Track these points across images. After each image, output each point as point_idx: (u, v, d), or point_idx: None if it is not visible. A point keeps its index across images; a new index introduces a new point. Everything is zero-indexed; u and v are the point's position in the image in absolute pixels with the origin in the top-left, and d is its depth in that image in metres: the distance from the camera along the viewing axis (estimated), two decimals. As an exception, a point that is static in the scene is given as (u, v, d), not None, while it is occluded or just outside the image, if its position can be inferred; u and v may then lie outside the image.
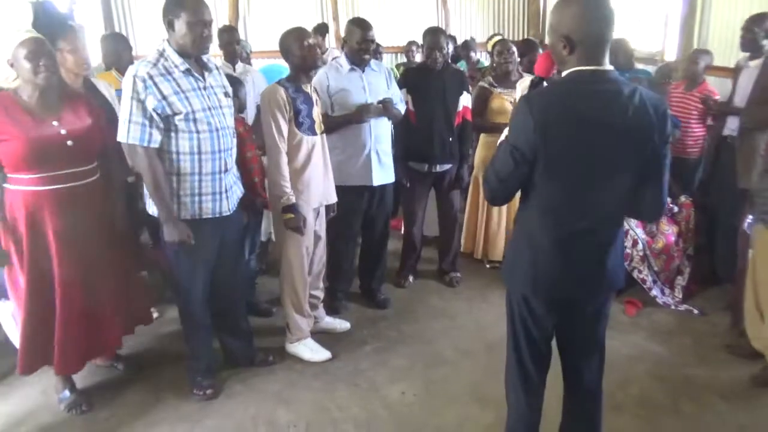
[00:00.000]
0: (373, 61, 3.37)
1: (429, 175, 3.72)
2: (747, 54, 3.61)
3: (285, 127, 2.80)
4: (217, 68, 2.56)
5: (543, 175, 1.69)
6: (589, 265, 1.81)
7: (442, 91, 3.57)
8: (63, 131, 2.39)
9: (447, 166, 3.72)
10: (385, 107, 3.23)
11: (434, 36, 3.54)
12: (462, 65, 5.90)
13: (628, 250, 3.57)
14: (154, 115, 2.27)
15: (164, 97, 2.27)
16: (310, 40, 2.83)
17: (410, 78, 3.69)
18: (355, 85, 3.26)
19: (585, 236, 1.77)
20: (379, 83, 3.34)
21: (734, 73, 3.76)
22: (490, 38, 5.82)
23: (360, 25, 3.25)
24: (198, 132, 2.36)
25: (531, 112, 1.63)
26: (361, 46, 3.22)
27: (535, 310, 1.87)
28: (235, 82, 3.08)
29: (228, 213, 2.54)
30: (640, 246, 3.59)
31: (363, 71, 3.29)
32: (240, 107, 3.15)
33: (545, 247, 1.78)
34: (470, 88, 3.83)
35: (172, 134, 2.35)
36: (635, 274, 3.59)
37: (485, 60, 6.41)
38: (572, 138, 1.64)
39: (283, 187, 2.81)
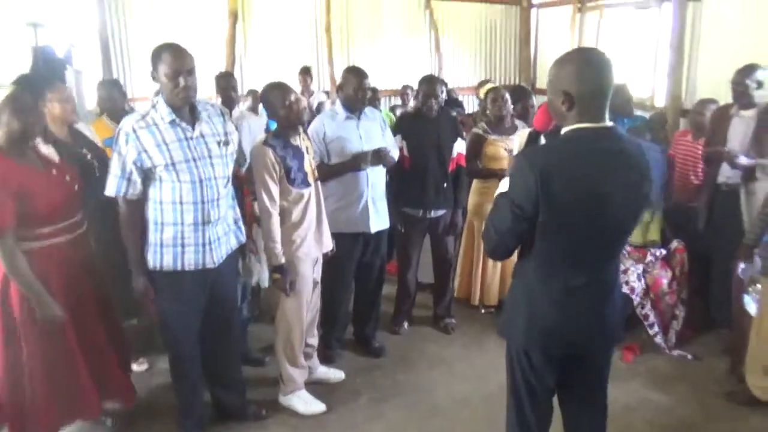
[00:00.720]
0: (367, 108, 3.41)
1: (423, 220, 3.72)
2: (731, 103, 3.67)
3: (275, 189, 2.78)
4: (222, 115, 2.57)
5: (543, 230, 1.69)
6: (590, 319, 1.80)
7: (436, 137, 3.61)
8: (68, 177, 2.41)
9: (441, 212, 3.73)
10: (380, 156, 3.25)
11: (430, 84, 3.60)
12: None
13: (633, 284, 3.55)
14: (134, 168, 2.31)
15: (145, 150, 2.31)
16: (292, 97, 2.80)
17: (405, 124, 3.74)
18: (351, 133, 3.29)
19: (584, 290, 1.76)
20: (374, 130, 3.37)
21: (715, 119, 3.80)
22: (480, 84, 5.95)
23: (356, 73, 3.30)
24: (180, 182, 2.36)
25: (533, 169, 1.63)
26: (357, 94, 3.26)
27: (536, 365, 1.85)
28: None
29: (213, 266, 2.50)
30: (642, 281, 3.57)
31: (359, 119, 3.33)
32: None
33: (544, 302, 1.77)
34: (464, 134, 3.88)
35: (156, 183, 2.37)
36: (639, 309, 3.56)
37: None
38: (574, 196, 1.65)
39: (273, 248, 2.80)
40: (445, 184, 3.67)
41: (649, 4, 6.13)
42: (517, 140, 1.97)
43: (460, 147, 3.74)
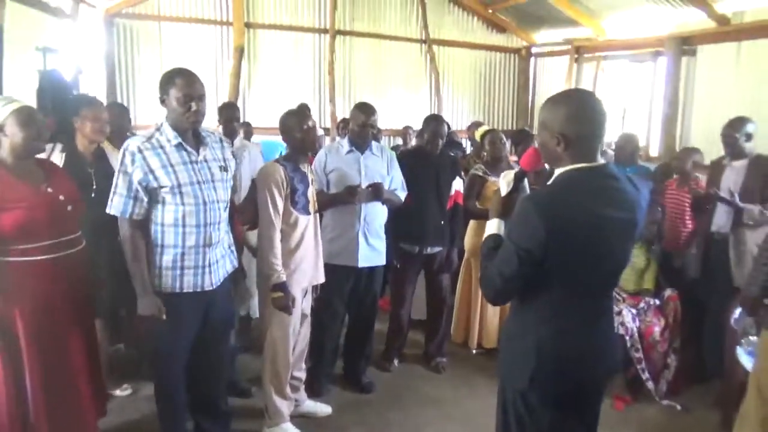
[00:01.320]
0: (375, 145, 3.45)
1: (419, 256, 3.72)
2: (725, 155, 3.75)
3: (281, 204, 2.82)
4: (221, 141, 2.60)
5: (547, 272, 1.68)
6: (593, 352, 1.80)
7: (435, 174, 3.65)
8: (61, 196, 2.40)
9: (438, 249, 3.74)
10: (375, 191, 3.27)
11: (437, 124, 3.65)
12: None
13: (628, 324, 3.54)
14: (140, 188, 2.32)
15: (151, 171, 2.32)
16: (310, 123, 2.91)
17: (405, 161, 3.77)
18: (351, 166, 3.33)
19: (584, 326, 1.77)
20: (378, 167, 3.41)
21: (711, 170, 3.88)
22: (472, 126, 6.03)
23: (364, 110, 3.37)
24: (184, 205, 2.37)
25: (540, 214, 1.62)
26: (363, 128, 3.31)
27: (531, 406, 1.82)
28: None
29: (211, 288, 2.49)
30: (637, 323, 3.56)
31: (362, 154, 3.37)
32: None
33: (544, 341, 1.76)
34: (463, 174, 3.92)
35: (159, 206, 2.37)
36: (632, 352, 3.54)
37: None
38: (581, 236, 1.66)
39: (274, 264, 2.79)
40: (442, 222, 3.69)
41: (645, 58, 6.30)
42: (503, 181, 1.97)
43: (458, 185, 3.78)
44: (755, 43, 4.80)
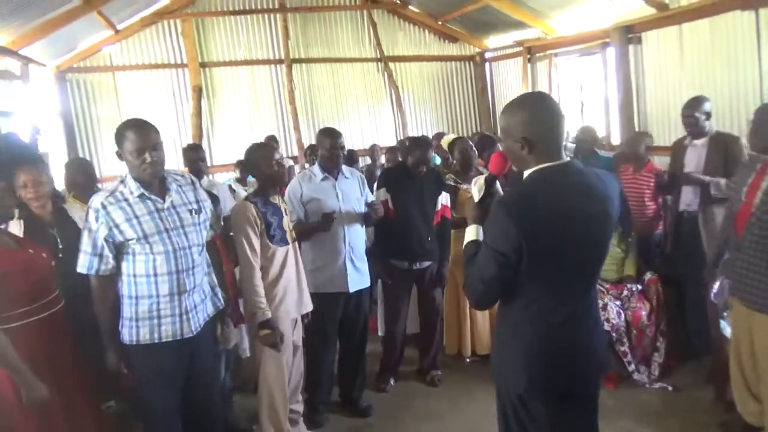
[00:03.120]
0: (345, 168, 3.47)
1: (410, 272, 3.73)
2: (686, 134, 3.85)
3: (257, 243, 2.82)
4: (193, 183, 2.58)
5: (527, 272, 1.71)
6: (583, 348, 1.83)
7: (420, 190, 3.67)
8: (44, 254, 2.38)
9: (427, 263, 3.75)
10: (373, 210, 3.34)
11: (423, 150, 3.62)
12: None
13: (613, 321, 3.59)
14: (105, 244, 2.31)
15: (116, 225, 2.31)
16: (277, 156, 2.92)
17: (390, 178, 3.79)
18: (328, 194, 3.33)
19: (573, 320, 1.80)
20: (353, 190, 3.43)
21: (673, 151, 3.98)
22: (436, 136, 6.08)
23: (329, 134, 3.38)
24: (153, 254, 2.35)
25: (511, 215, 1.67)
26: (331, 152, 3.32)
27: (531, 408, 1.84)
28: (213, 199, 3.12)
29: (191, 334, 2.46)
30: (622, 317, 3.61)
31: (336, 179, 3.38)
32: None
33: (534, 342, 1.78)
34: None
35: (129, 257, 2.36)
36: (617, 346, 3.59)
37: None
38: (554, 233, 1.70)
39: (258, 302, 2.78)
40: (429, 237, 3.70)
41: (594, 51, 6.47)
42: (475, 188, 2.01)
43: (444, 200, 3.80)
44: (695, 24, 4.97)
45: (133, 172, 2.35)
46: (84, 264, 2.33)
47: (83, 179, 3.61)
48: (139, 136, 2.30)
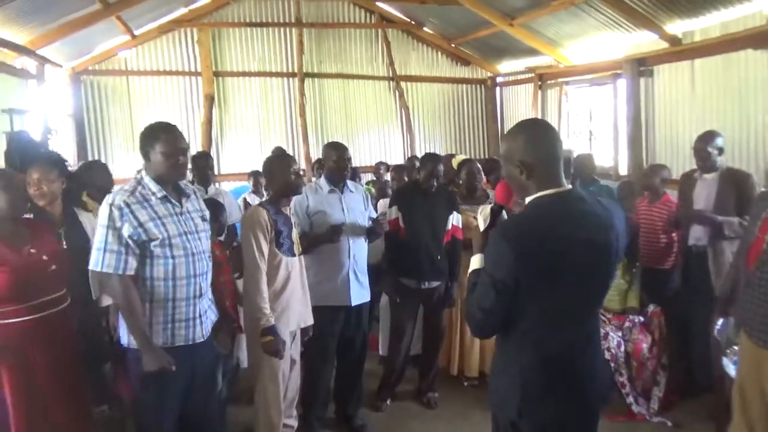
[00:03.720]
0: (350, 183, 3.49)
1: (418, 291, 3.71)
2: (695, 168, 3.84)
3: (266, 248, 2.82)
4: (195, 193, 2.60)
5: (525, 299, 1.70)
6: (580, 380, 1.80)
7: (431, 209, 3.67)
8: (44, 257, 2.37)
9: (435, 283, 3.72)
10: (378, 224, 3.35)
11: (434, 163, 3.66)
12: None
13: (613, 350, 3.56)
14: (130, 242, 2.28)
15: (140, 224, 2.29)
16: (295, 167, 2.94)
17: (401, 196, 3.80)
18: (333, 206, 3.34)
19: (572, 351, 1.77)
20: (357, 204, 3.45)
21: (682, 184, 3.97)
22: (447, 157, 6.09)
23: (336, 147, 3.41)
24: (173, 257, 2.35)
25: (509, 244, 1.66)
26: (338, 165, 3.35)
27: None
28: (217, 206, 3.13)
29: (201, 339, 2.46)
30: (622, 348, 3.58)
31: (342, 192, 3.40)
32: (220, 230, 3.16)
33: (533, 370, 1.76)
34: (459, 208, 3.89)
35: (147, 260, 2.33)
36: (616, 377, 3.55)
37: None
38: (552, 261, 1.68)
39: (263, 308, 2.77)
40: (439, 257, 3.69)
41: (605, 81, 6.51)
42: (481, 217, 2.01)
43: (455, 220, 3.79)
44: (708, 60, 5.01)
45: (158, 172, 2.36)
46: (110, 263, 2.25)
47: (106, 181, 3.60)
48: (175, 138, 2.36)
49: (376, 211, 3.75)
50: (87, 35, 6.14)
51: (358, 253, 3.39)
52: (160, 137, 2.34)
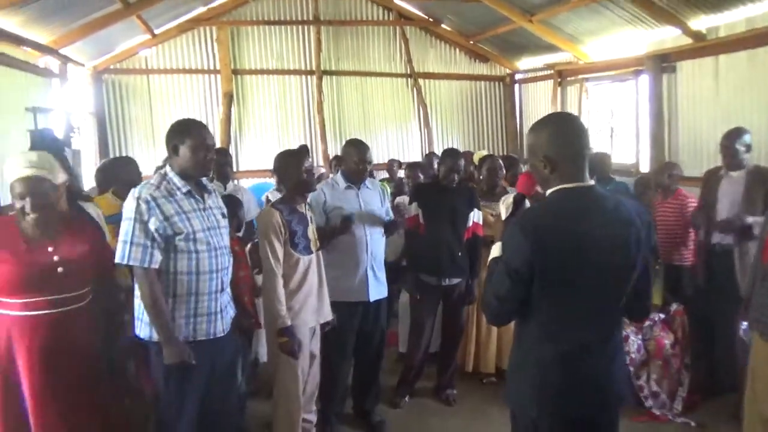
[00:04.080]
0: (368, 179, 3.49)
1: (438, 288, 3.70)
2: (720, 165, 3.76)
3: (280, 251, 2.83)
4: (215, 190, 2.63)
5: (541, 292, 1.70)
6: (597, 378, 1.78)
7: (451, 206, 3.65)
8: (56, 258, 2.37)
9: (456, 280, 3.71)
10: (398, 212, 3.36)
11: (454, 159, 3.65)
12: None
13: (632, 354, 3.51)
14: (156, 235, 2.30)
15: (167, 218, 2.31)
16: (307, 164, 2.93)
17: (421, 193, 3.79)
18: (350, 203, 3.34)
19: (588, 348, 1.76)
20: (374, 200, 3.45)
21: (706, 180, 3.89)
22: (466, 154, 6.06)
23: (358, 146, 3.40)
24: (197, 252, 2.37)
25: (525, 234, 1.67)
26: (359, 165, 3.34)
27: None
28: (235, 202, 3.13)
29: (222, 334, 2.48)
30: (643, 351, 3.53)
31: (359, 189, 3.39)
32: (238, 226, 3.18)
33: (550, 365, 1.75)
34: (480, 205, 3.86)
35: (171, 255, 2.35)
36: (634, 380, 3.51)
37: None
38: (568, 255, 1.68)
39: (279, 310, 2.79)
40: (460, 253, 3.67)
41: (627, 77, 6.42)
42: (503, 206, 2.01)
43: (476, 217, 3.77)
44: (732, 56, 4.91)
45: (184, 167, 2.38)
46: (136, 256, 2.27)
47: (135, 177, 3.58)
48: (205, 134, 2.41)
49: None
50: (108, 34, 6.21)
51: (375, 248, 3.39)
52: (191, 132, 2.38)
